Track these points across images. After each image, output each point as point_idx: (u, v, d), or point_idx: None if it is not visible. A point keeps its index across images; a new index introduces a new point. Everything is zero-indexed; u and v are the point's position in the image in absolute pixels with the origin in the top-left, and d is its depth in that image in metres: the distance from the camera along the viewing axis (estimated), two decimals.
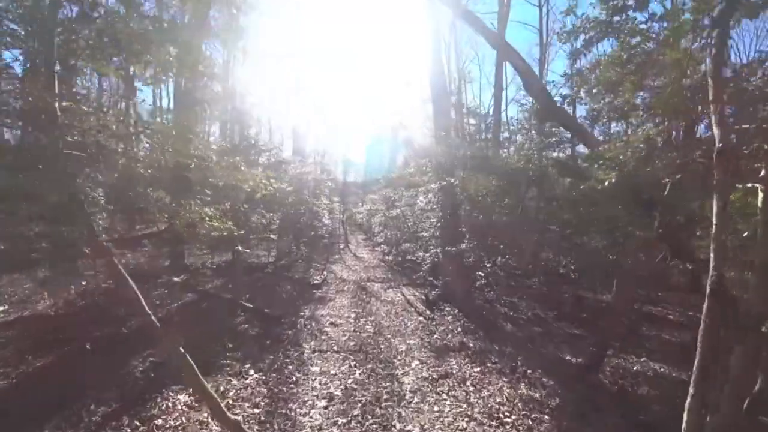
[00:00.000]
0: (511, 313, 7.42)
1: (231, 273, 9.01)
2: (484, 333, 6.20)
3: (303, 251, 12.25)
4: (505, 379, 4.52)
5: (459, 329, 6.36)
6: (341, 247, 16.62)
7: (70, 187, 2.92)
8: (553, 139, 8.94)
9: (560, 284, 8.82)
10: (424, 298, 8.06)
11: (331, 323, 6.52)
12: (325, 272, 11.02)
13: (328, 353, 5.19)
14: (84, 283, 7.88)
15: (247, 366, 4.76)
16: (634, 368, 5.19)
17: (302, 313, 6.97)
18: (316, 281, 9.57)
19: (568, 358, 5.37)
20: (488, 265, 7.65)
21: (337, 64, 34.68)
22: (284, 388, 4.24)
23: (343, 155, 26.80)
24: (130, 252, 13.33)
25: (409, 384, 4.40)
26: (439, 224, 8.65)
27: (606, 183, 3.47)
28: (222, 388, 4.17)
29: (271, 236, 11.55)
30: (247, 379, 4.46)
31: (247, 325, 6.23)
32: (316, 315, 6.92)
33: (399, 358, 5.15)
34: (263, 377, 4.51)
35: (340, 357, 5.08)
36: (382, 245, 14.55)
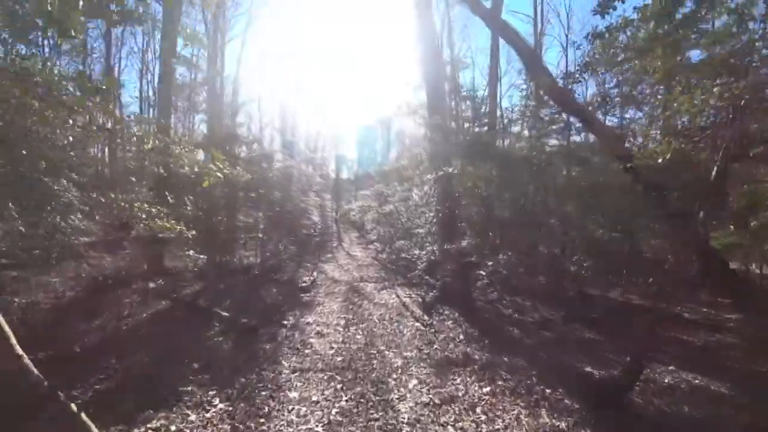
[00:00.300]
0: (516, 315, 6.59)
1: (212, 277, 8.06)
2: (489, 341, 5.35)
3: (292, 251, 11.32)
4: (521, 403, 3.67)
5: (461, 337, 5.51)
6: (334, 245, 15.71)
7: None
8: (555, 126, 8.09)
9: (563, 281, 8.02)
10: (420, 300, 7.21)
11: (318, 333, 5.63)
12: (315, 273, 10.12)
13: (311, 373, 4.30)
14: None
15: (213, 393, 3.85)
16: (665, 381, 4.37)
17: (285, 322, 6.07)
18: (304, 283, 8.66)
19: (588, 370, 4.53)
20: (490, 264, 6.81)
21: (329, 58, 33.63)
22: (252, 424, 3.34)
23: (336, 152, 25.83)
24: (111, 256, 12.34)
25: (406, 413, 3.53)
26: (435, 220, 7.79)
27: (660, 159, 2.62)
28: (174, 428, 3.27)
29: (259, 235, 10.63)
30: (209, 411, 3.55)
31: (220, 338, 5.32)
32: (301, 323, 6.02)
33: (394, 376, 4.27)
34: (229, 408, 3.60)
35: (325, 378, 4.19)
36: (375, 243, 13.68)
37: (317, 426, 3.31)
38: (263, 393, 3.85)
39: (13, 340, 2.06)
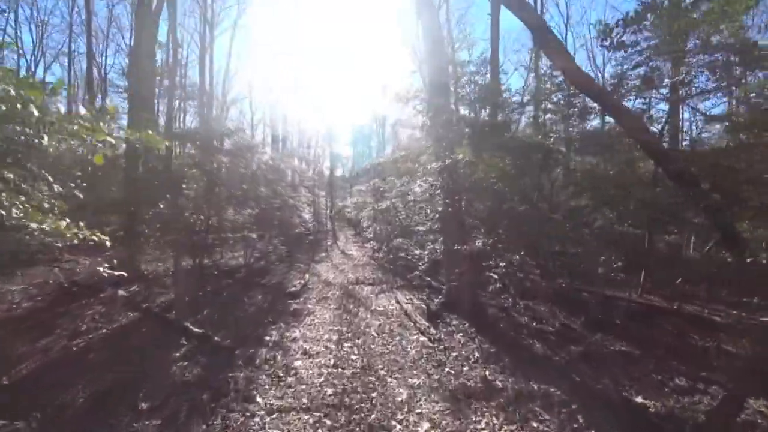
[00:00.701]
0: (534, 324, 5.59)
1: (182, 281, 6.97)
2: (509, 359, 4.34)
3: (282, 251, 10.22)
4: None
5: (476, 354, 4.48)
6: (329, 244, 14.62)
7: None
8: (570, 110, 7.07)
9: (575, 281, 7.04)
10: (424, 306, 6.18)
11: (305, 352, 4.57)
12: (307, 275, 9.04)
13: (292, 414, 3.24)
14: None
15: None
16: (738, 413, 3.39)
17: (267, 338, 5.00)
18: (293, 288, 7.58)
19: (640, 400, 3.54)
20: (502, 265, 5.79)
21: (323, 55, 32.42)
22: None
23: (331, 149, 24.59)
24: (89, 258, 11.15)
25: None
26: (438, 216, 6.74)
27: None
28: None
29: (245, 233, 9.52)
30: None
31: (185, 363, 4.23)
32: (285, 340, 4.95)
33: (399, 416, 3.23)
34: None
35: (310, 421, 3.14)
36: (372, 241, 12.61)
37: None
38: None
39: None
